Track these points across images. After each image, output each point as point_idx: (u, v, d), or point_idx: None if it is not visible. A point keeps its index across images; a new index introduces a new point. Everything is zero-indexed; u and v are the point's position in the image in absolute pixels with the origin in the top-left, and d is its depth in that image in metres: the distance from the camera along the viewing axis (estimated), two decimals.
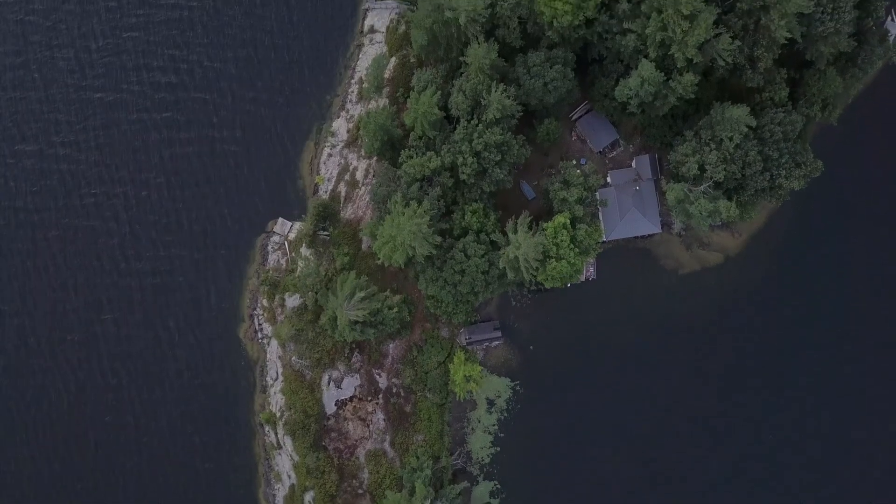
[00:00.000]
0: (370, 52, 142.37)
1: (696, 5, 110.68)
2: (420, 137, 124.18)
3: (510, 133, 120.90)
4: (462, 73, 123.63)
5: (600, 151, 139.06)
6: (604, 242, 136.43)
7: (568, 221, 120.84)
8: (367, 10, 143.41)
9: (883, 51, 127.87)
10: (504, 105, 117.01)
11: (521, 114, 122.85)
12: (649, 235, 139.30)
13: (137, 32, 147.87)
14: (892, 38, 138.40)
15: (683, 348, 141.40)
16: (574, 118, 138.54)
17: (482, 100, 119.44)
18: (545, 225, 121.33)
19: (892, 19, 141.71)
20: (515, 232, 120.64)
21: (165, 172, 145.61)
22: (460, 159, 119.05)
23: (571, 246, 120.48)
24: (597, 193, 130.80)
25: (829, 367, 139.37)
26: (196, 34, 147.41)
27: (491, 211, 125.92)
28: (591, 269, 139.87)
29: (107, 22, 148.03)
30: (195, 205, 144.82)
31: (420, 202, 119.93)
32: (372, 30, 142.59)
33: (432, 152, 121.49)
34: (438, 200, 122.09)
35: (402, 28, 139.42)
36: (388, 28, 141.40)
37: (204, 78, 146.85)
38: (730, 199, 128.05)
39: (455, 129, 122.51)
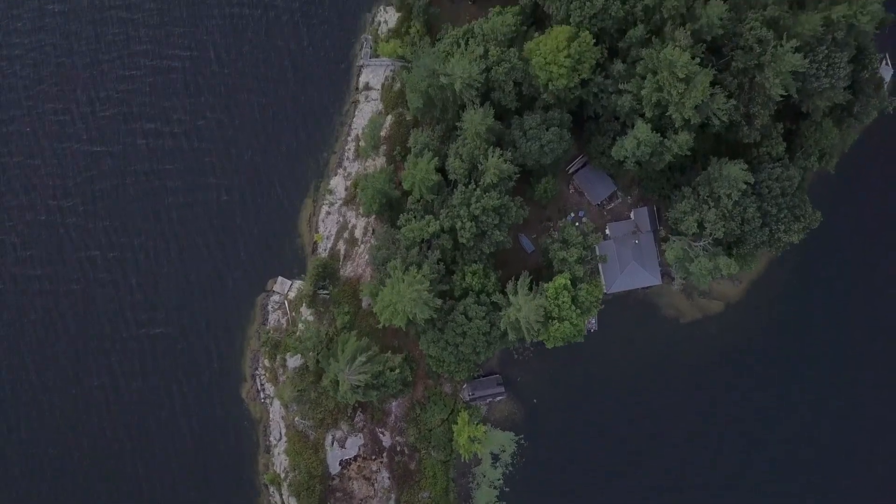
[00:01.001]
0: (366, 110, 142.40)
1: (692, 68, 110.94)
2: (418, 200, 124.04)
3: (508, 196, 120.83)
4: (459, 135, 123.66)
5: (598, 204, 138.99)
6: (605, 295, 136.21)
7: (568, 282, 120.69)
8: (361, 66, 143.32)
9: (878, 101, 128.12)
10: (501, 170, 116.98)
11: (519, 175, 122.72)
12: (650, 286, 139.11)
13: (136, 87, 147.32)
14: (886, 84, 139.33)
15: (687, 397, 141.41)
16: (571, 171, 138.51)
17: (479, 164, 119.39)
18: (546, 286, 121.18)
19: (886, 63, 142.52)
20: (516, 293, 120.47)
21: (164, 230, 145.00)
22: (459, 223, 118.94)
23: (573, 307, 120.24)
24: (596, 248, 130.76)
25: (830, 412, 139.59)
26: (194, 90, 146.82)
27: (491, 271, 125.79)
28: (593, 321, 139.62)
29: (105, 78, 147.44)
30: (195, 263, 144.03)
31: (420, 266, 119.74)
32: (367, 87, 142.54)
33: (431, 216, 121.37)
34: (438, 263, 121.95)
35: (397, 86, 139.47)
36: (383, 85, 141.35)
37: (202, 135, 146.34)
38: (729, 251, 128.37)
39: (453, 191, 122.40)
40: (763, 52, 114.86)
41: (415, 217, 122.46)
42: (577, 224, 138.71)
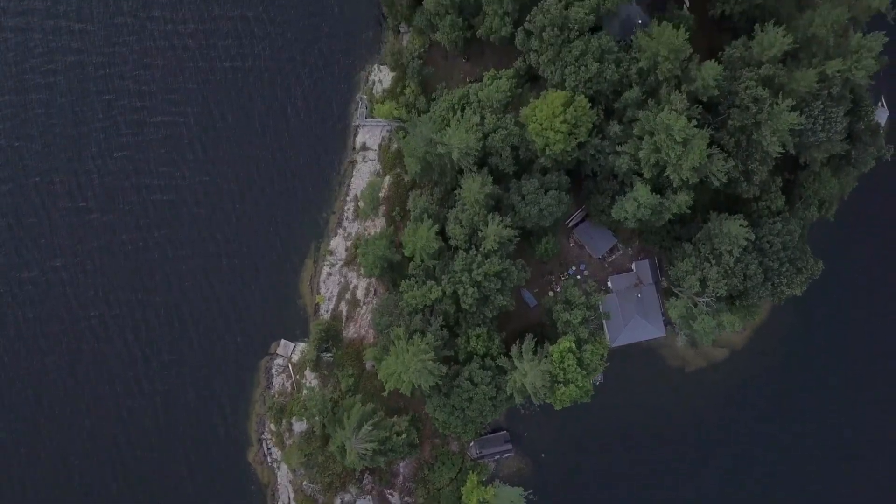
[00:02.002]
0: (364, 170, 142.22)
1: (689, 132, 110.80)
2: (419, 265, 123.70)
3: (509, 260, 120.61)
4: (458, 200, 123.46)
5: (600, 257, 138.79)
6: (609, 348, 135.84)
7: (573, 344, 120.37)
8: (357, 126, 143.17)
9: (876, 149, 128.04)
10: (502, 236, 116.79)
11: (519, 237, 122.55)
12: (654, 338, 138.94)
13: (131, 151, 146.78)
14: (882, 127, 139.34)
15: (694, 445, 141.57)
16: (571, 225, 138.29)
17: (479, 230, 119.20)
18: (551, 349, 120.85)
19: (882, 105, 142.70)
20: (521, 358, 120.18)
21: (165, 292, 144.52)
22: (461, 290, 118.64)
23: (578, 369, 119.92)
24: (599, 303, 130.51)
25: (834, 457, 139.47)
26: (192, 150, 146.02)
27: (495, 333, 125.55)
28: (599, 373, 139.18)
29: (102, 139, 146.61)
30: (196, 325, 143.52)
31: (423, 334, 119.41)
32: (364, 147, 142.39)
33: (433, 282, 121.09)
34: (441, 329, 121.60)
35: (395, 146, 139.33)
36: (380, 146, 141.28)
37: (201, 195, 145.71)
38: (732, 302, 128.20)
39: (454, 256, 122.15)
40: (759, 111, 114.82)
41: (416, 283, 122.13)
42: (578, 277, 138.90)
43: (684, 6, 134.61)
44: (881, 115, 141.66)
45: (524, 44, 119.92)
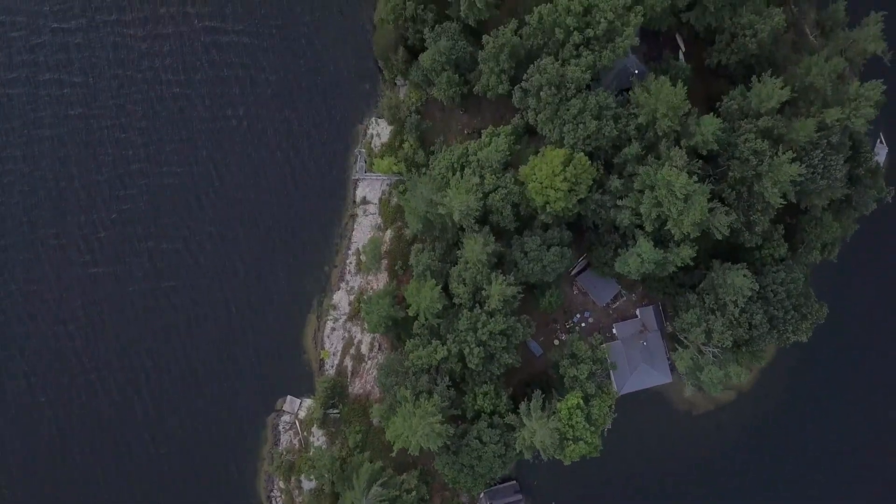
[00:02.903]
0: (364, 223, 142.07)
1: (690, 187, 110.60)
2: (424, 324, 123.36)
3: (514, 317, 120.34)
4: (460, 256, 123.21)
5: (604, 305, 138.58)
6: (616, 396, 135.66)
7: (581, 401, 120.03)
8: (357, 180, 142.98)
9: (877, 191, 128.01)
10: (506, 295, 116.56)
11: (522, 294, 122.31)
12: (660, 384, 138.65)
13: (136, 205, 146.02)
14: (882, 164, 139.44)
15: (703, 487, 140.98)
16: (574, 273, 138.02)
17: (483, 289, 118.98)
18: (558, 406, 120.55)
19: (881, 142, 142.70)
20: (529, 415, 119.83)
21: (170, 350, 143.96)
22: (467, 349, 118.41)
23: (587, 425, 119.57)
24: (606, 355, 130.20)
25: (847, 496, 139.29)
26: (194, 206, 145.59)
27: (501, 390, 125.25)
28: (607, 424, 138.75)
29: (102, 199, 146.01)
30: (202, 383, 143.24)
31: (430, 394, 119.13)
32: (364, 201, 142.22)
33: (438, 342, 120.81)
34: (448, 389, 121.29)
35: (395, 201, 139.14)
36: (380, 200, 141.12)
37: (204, 250, 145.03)
38: (738, 347, 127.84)
39: (458, 313, 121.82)
40: (760, 163, 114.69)
41: (421, 343, 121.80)
42: (583, 324, 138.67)
43: (680, 54, 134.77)
44: (880, 152, 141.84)
45: (521, 102, 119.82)
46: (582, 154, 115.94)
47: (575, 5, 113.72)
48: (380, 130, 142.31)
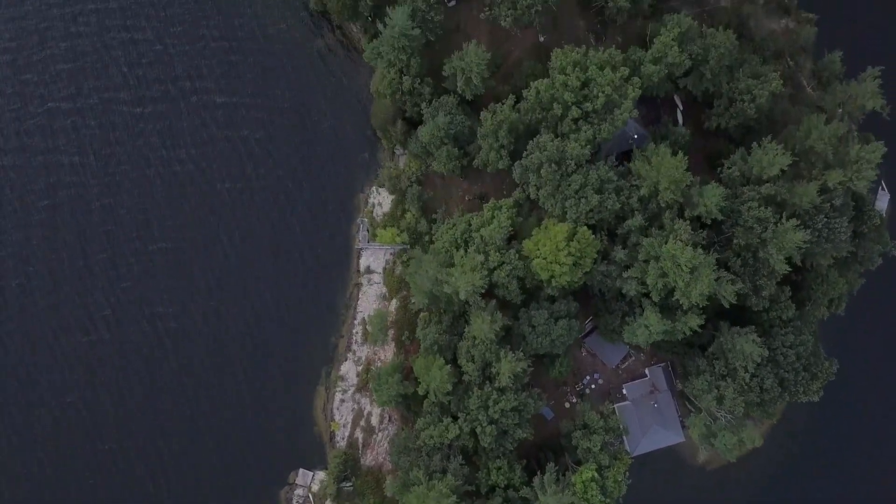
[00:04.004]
0: (370, 293, 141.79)
1: (696, 260, 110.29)
2: (434, 402, 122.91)
3: (524, 393, 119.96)
4: (467, 331, 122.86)
5: (613, 366, 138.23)
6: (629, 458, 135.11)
7: (595, 473, 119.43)
8: (360, 250, 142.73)
9: (882, 245, 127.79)
10: (516, 372, 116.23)
11: (532, 367, 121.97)
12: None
13: (137, 281, 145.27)
14: (885, 210, 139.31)
15: None
16: (581, 335, 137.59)
17: (492, 366, 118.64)
18: (573, 479, 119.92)
19: (883, 188, 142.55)
20: (544, 489, 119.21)
21: (180, 423, 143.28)
22: (479, 428, 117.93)
23: (602, 497, 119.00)
24: (619, 424, 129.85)
25: None
26: (203, 276, 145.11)
27: (515, 463, 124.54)
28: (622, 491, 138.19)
29: (108, 273, 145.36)
30: (211, 457, 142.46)
31: (444, 473, 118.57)
32: (369, 270, 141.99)
33: (449, 419, 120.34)
34: (462, 467, 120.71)
35: (399, 269, 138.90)
36: (384, 269, 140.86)
37: (210, 322, 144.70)
38: (749, 407, 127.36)
39: (468, 390, 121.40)
40: (764, 230, 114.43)
41: (433, 421, 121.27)
42: (593, 386, 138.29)
43: (678, 113, 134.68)
44: (882, 200, 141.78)
45: (522, 177, 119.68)
46: (585, 228, 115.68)
47: (572, 80, 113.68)
48: (381, 200, 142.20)
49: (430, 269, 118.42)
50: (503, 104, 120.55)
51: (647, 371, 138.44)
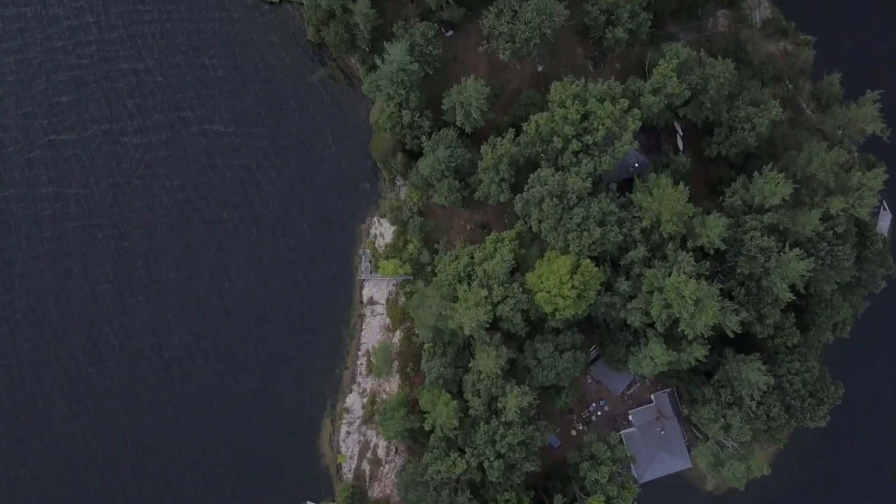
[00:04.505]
0: (373, 324, 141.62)
1: (701, 292, 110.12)
2: (441, 437, 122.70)
3: (531, 426, 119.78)
4: (472, 365, 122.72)
5: (619, 393, 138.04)
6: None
7: None
8: (363, 281, 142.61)
9: (885, 268, 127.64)
10: (522, 406, 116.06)
11: (538, 400, 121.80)
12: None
13: (145, 312, 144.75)
14: (886, 231, 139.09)
15: None
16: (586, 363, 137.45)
17: (498, 402, 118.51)
18: None
19: (884, 209, 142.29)
20: None
21: (188, 459, 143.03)
22: (486, 462, 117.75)
23: None
24: (624, 449, 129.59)
25: None
26: (210, 306, 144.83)
27: (524, 495, 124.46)
28: None
29: (116, 304, 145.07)
30: (222, 491, 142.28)
31: None
32: (372, 301, 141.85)
33: (456, 454, 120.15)
34: (470, 501, 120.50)
35: (402, 300, 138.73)
36: (387, 300, 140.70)
37: (215, 357, 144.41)
38: (756, 432, 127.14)
39: (475, 424, 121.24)
40: (767, 259, 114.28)
41: (440, 456, 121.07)
42: (599, 413, 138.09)
43: (678, 139, 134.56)
44: (884, 220, 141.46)
45: (523, 210, 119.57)
46: (588, 260, 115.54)
47: (572, 113, 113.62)
48: (382, 230, 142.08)
49: (434, 303, 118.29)
50: (503, 138, 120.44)
51: (652, 397, 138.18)
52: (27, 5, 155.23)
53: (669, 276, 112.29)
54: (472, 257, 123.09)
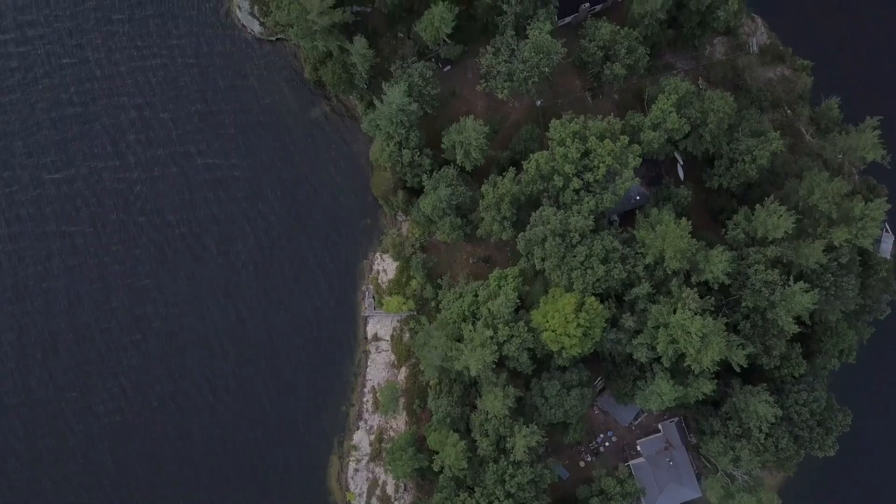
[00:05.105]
0: (378, 360, 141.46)
1: (707, 329, 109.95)
2: (450, 477, 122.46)
3: (541, 464, 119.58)
4: (479, 406, 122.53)
5: (626, 424, 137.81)
6: None
7: None
8: (367, 317, 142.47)
9: (890, 294, 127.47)
10: (531, 446, 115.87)
11: (547, 438, 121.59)
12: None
13: (150, 360, 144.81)
14: (889, 254, 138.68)
15: None
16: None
17: (506, 442, 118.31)
18: None
19: (887, 230, 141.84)
20: None
21: (195, 501, 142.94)
22: (496, 502, 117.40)
23: None
24: (631, 468, 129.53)
25: None
26: (221, 345, 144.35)
27: None
28: None
29: (122, 339, 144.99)
30: None
31: None
32: (376, 337, 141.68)
33: (465, 494, 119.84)
34: None
35: (407, 336, 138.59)
36: (392, 336, 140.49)
37: (224, 394, 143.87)
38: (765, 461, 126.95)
39: (484, 464, 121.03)
40: (772, 293, 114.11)
41: (449, 497, 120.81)
42: (607, 444, 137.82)
43: (678, 168, 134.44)
44: (887, 242, 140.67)
45: (526, 249, 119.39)
46: (593, 298, 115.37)
47: (572, 152, 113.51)
48: (385, 266, 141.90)
49: (439, 344, 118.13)
50: (503, 177, 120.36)
51: (660, 426, 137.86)
52: (27, 44, 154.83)
53: (675, 312, 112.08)
54: (477, 295, 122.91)
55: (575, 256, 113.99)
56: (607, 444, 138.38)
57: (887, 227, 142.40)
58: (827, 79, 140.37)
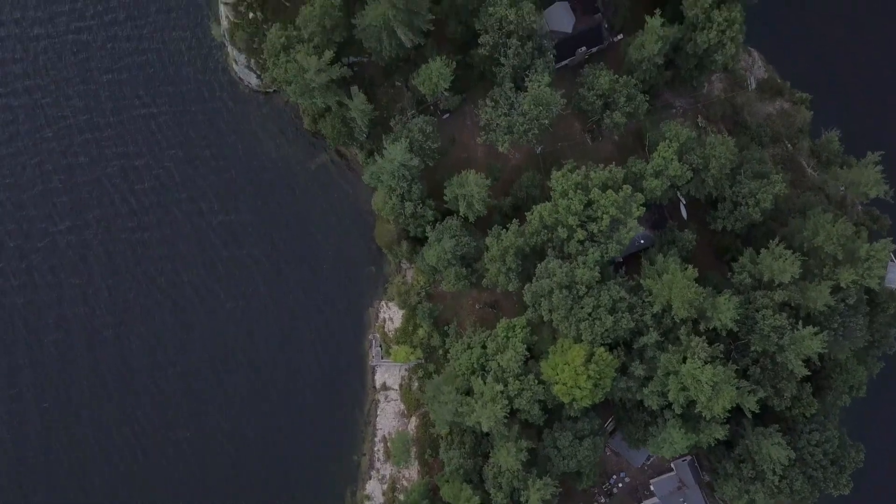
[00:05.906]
0: (388, 409, 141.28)
1: (717, 377, 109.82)
2: None
3: None
4: (492, 459, 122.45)
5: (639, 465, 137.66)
6: None
7: None
8: (374, 367, 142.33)
9: None
10: (545, 499, 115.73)
11: (561, 489, 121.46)
12: None
13: (157, 401, 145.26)
14: (895, 283, 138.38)
15: None
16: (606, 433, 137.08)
17: (520, 495, 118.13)
18: None
19: (892, 259, 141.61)
20: None
21: None
22: None
23: None
24: None
25: None
26: (234, 390, 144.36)
27: None
28: None
29: (123, 400, 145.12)
30: None
31: None
32: (385, 387, 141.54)
33: None
34: None
35: (416, 385, 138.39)
36: (401, 385, 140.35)
37: (232, 446, 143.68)
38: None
39: None
40: (781, 337, 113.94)
41: None
42: (620, 485, 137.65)
43: (681, 207, 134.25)
44: (892, 272, 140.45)
45: (533, 300, 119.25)
46: (602, 349, 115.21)
47: (574, 203, 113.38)
48: (391, 314, 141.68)
49: (449, 400, 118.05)
50: (507, 229, 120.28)
51: (673, 465, 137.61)
52: (17, 97, 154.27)
53: (684, 361, 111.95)
54: (485, 347, 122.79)
55: (582, 308, 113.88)
56: (620, 485, 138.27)
57: (892, 256, 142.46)
58: (826, 111, 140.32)
